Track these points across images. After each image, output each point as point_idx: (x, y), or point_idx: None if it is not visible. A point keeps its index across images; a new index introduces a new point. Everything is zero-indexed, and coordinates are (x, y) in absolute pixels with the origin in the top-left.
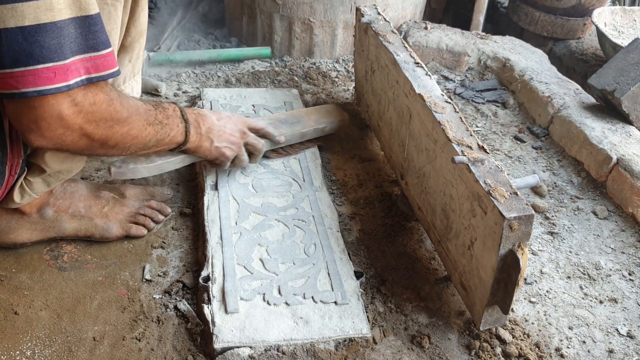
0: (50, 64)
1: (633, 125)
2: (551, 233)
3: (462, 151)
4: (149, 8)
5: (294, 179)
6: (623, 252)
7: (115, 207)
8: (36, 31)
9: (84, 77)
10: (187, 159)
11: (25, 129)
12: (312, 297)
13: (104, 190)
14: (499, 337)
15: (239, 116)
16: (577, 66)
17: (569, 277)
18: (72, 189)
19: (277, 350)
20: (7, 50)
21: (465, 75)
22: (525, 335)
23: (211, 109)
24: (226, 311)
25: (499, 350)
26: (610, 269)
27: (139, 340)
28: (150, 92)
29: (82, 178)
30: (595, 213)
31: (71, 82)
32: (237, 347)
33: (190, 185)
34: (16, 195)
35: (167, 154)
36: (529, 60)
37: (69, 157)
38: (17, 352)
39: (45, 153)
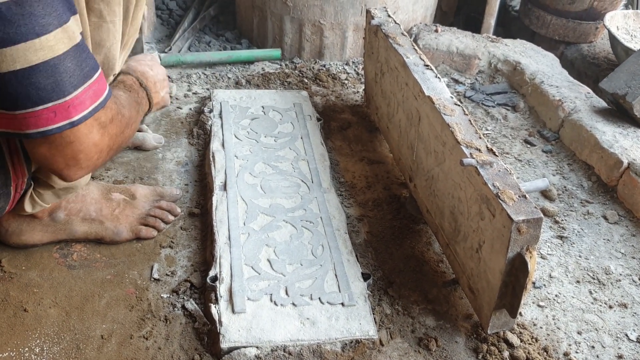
0: (50, 104)
1: None
2: (561, 237)
3: (470, 154)
4: (160, 9)
5: (302, 180)
6: (633, 257)
7: (126, 209)
8: (29, 73)
9: (92, 106)
10: None
11: (63, 167)
12: (319, 298)
13: (115, 192)
14: (506, 341)
15: (152, 55)
16: (588, 70)
17: (578, 282)
18: (84, 192)
19: (284, 350)
20: (6, 94)
21: (476, 78)
22: (534, 340)
23: (221, 110)
24: (233, 311)
25: (506, 354)
26: (620, 274)
27: (147, 338)
28: None
29: (92, 178)
30: (605, 217)
31: (91, 107)
32: (244, 347)
33: (199, 186)
34: (27, 206)
35: None
36: (539, 63)
37: None
38: (26, 348)
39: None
